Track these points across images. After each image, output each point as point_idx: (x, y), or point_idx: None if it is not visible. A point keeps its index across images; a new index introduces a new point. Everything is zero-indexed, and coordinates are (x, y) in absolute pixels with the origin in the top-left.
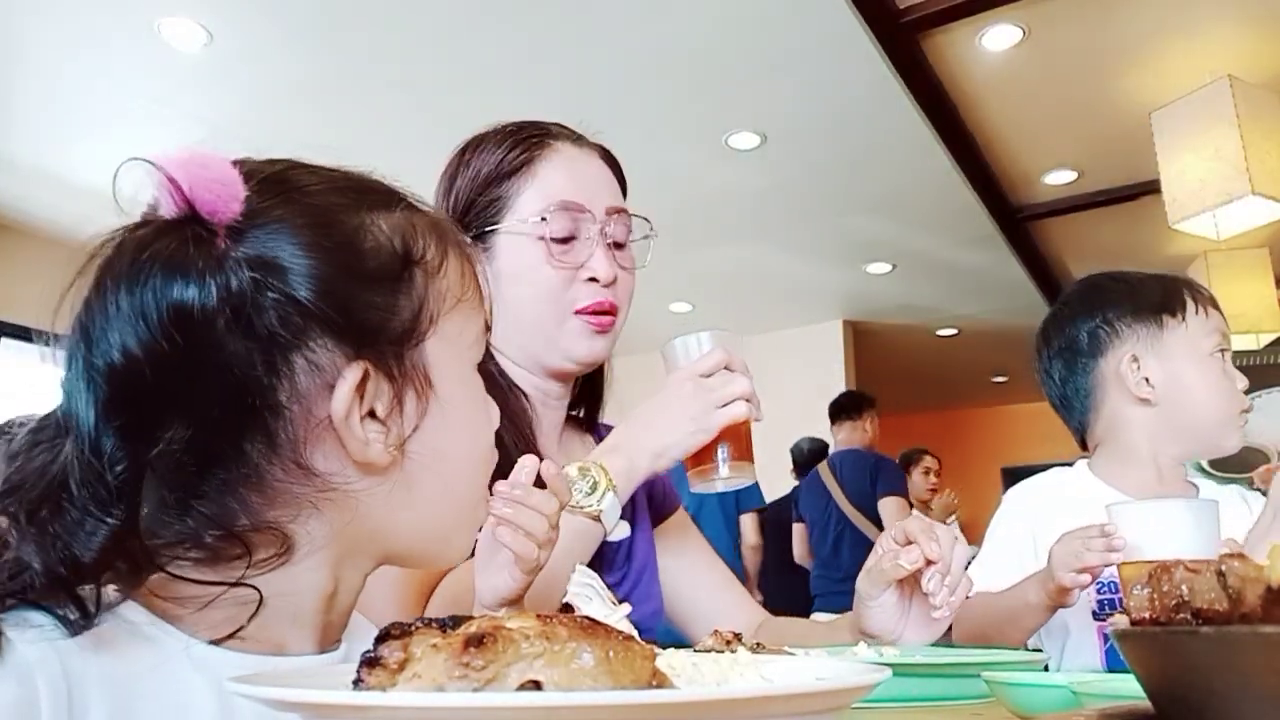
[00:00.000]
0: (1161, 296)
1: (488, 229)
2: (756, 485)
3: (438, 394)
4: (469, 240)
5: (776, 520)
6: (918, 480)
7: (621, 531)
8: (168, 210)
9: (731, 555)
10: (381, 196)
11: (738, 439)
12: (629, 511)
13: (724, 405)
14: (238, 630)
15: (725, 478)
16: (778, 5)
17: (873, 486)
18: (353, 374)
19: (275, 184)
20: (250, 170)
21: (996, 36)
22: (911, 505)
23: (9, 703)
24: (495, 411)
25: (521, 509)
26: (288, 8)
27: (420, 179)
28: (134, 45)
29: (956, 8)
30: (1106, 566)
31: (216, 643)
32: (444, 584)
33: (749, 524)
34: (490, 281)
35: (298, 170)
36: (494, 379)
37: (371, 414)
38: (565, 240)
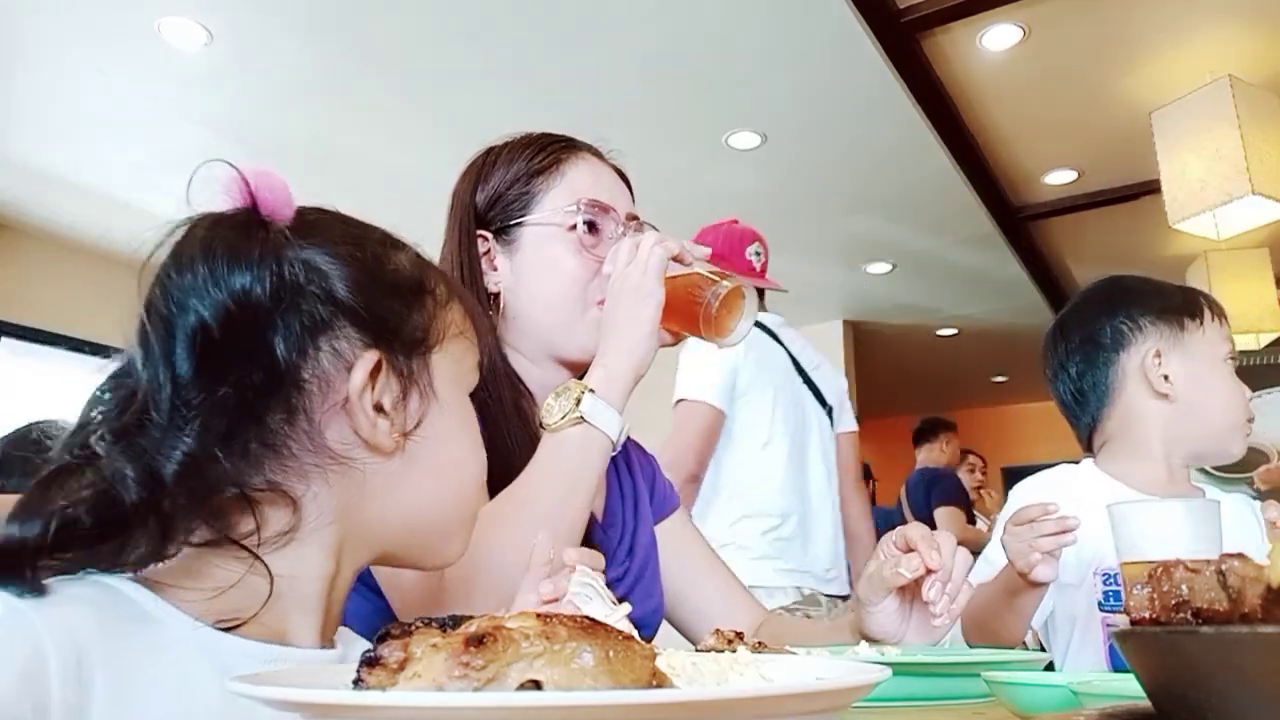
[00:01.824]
0: (1183, 301)
1: (513, 222)
2: (954, 478)
3: (440, 401)
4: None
5: None
6: (964, 479)
7: (626, 431)
8: (232, 204)
9: None
10: (403, 243)
11: (706, 276)
12: (632, 502)
13: (647, 264)
14: (251, 616)
15: (719, 297)
16: (778, 5)
17: (927, 496)
18: (368, 360)
19: (318, 213)
20: (304, 208)
21: (996, 36)
22: (973, 515)
23: (19, 661)
24: (484, 453)
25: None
26: (287, 7)
27: (420, 178)
28: (134, 45)
29: (956, 8)
30: (1064, 546)
31: (225, 629)
32: None
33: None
34: (511, 273)
35: (334, 211)
36: (505, 379)
37: (379, 408)
38: (592, 235)
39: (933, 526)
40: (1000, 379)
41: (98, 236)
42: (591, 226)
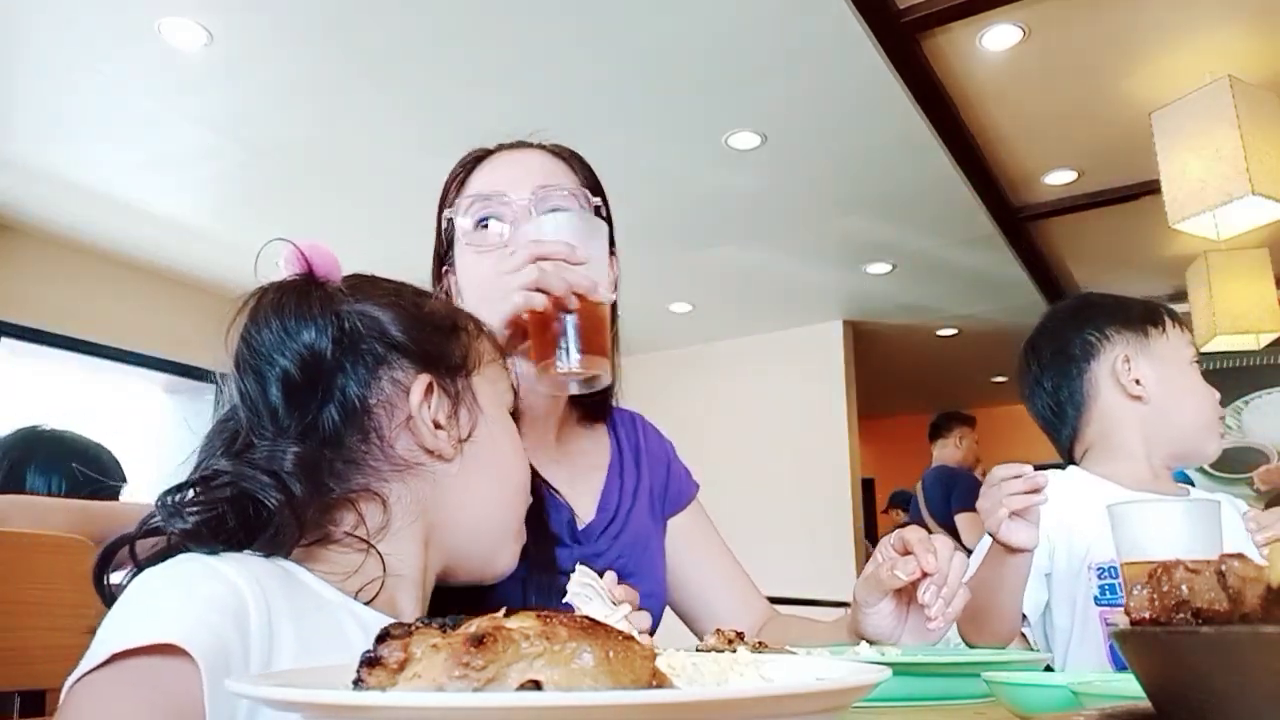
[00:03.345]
0: (1144, 311)
1: (447, 250)
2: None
3: (485, 415)
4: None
5: None
6: None
7: None
8: (291, 272)
9: None
10: (430, 292)
11: (589, 323)
12: (630, 491)
13: (520, 286)
14: (377, 593)
15: (572, 371)
16: (778, 5)
17: (947, 501)
18: (421, 382)
19: (361, 276)
20: (350, 274)
21: (996, 36)
22: None
23: (226, 600)
24: (526, 460)
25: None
26: (288, 8)
27: (419, 179)
28: (134, 45)
29: (956, 8)
30: (1034, 505)
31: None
32: None
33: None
34: (458, 294)
35: (373, 274)
36: None
37: (436, 423)
38: (483, 228)
39: (953, 529)
40: (1000, 379)
41: (97, 236)
42: (483, 222)
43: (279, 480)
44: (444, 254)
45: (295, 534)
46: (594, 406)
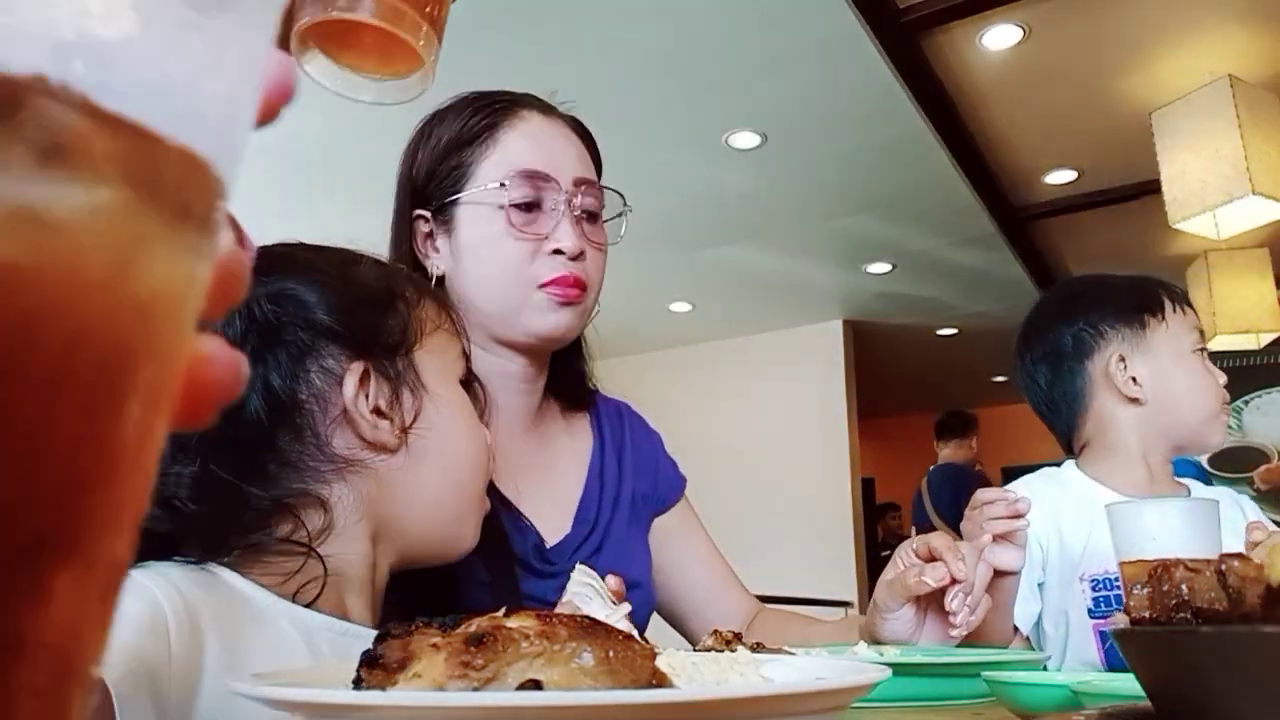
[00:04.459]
0: (1140, 298)
1: (448, 199)
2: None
3: (431, 394)
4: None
5: None
6: None
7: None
8: None
9: None
10: (361, 256)
11: None
12: (611, 495)
13: None
14: (318, 595)
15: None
16: (778, 5)
17: (956, 500)
18: (355, 370)
19: (277, 248)
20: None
21: (996, 36)
22: None
23: (141, 619)
24: (483, 434)
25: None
26: None
27: None
28: None
29: (956, 8)
30: (1016, 530)
31: (303, 606)
32: None
33: None
34: (450, 256)
35: (293, 242)
36: None
37: (377, 411)
38: (528, 210)
39: (958, 531)
40: (1000, 379)
41: None
42: (527, 202)
43: (172, 510)
44: (440, 198)
45: (211, 552)
46: (575, 395)
